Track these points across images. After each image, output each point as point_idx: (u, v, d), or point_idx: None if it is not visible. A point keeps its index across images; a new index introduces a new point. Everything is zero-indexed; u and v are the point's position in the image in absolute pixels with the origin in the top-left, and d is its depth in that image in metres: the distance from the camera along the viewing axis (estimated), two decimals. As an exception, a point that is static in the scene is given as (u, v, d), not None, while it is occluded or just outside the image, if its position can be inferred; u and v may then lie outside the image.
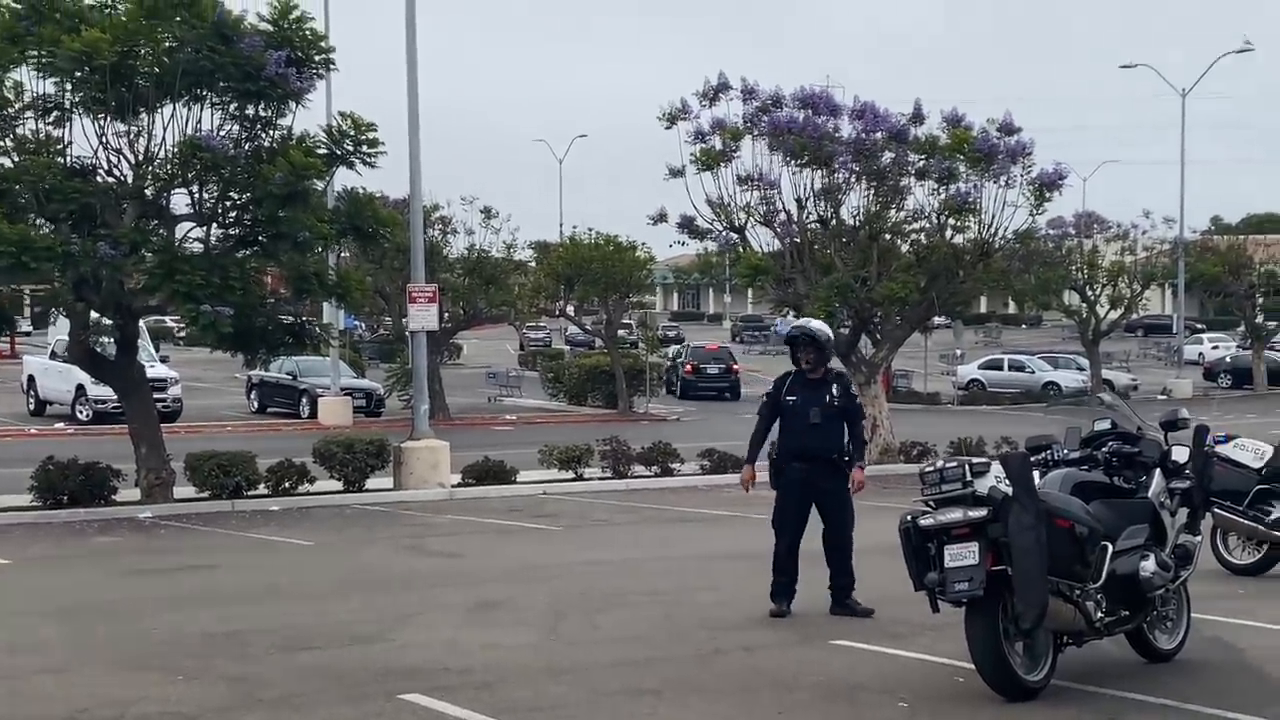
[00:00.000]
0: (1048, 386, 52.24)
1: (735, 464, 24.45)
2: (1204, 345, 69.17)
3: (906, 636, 10.17)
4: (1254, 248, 56.28)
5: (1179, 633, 9.58)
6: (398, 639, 10.45)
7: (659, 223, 27.63)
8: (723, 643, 10.21)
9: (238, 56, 18.13)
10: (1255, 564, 13.39)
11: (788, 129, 25.75)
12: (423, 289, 23.07)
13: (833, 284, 26.38)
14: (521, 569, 14.26)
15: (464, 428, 35.60)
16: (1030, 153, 25.65)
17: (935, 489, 8.47)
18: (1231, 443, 13.61)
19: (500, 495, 21.74)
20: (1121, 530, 8.90)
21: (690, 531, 18.21)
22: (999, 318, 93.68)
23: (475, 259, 41.56)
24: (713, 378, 51.26)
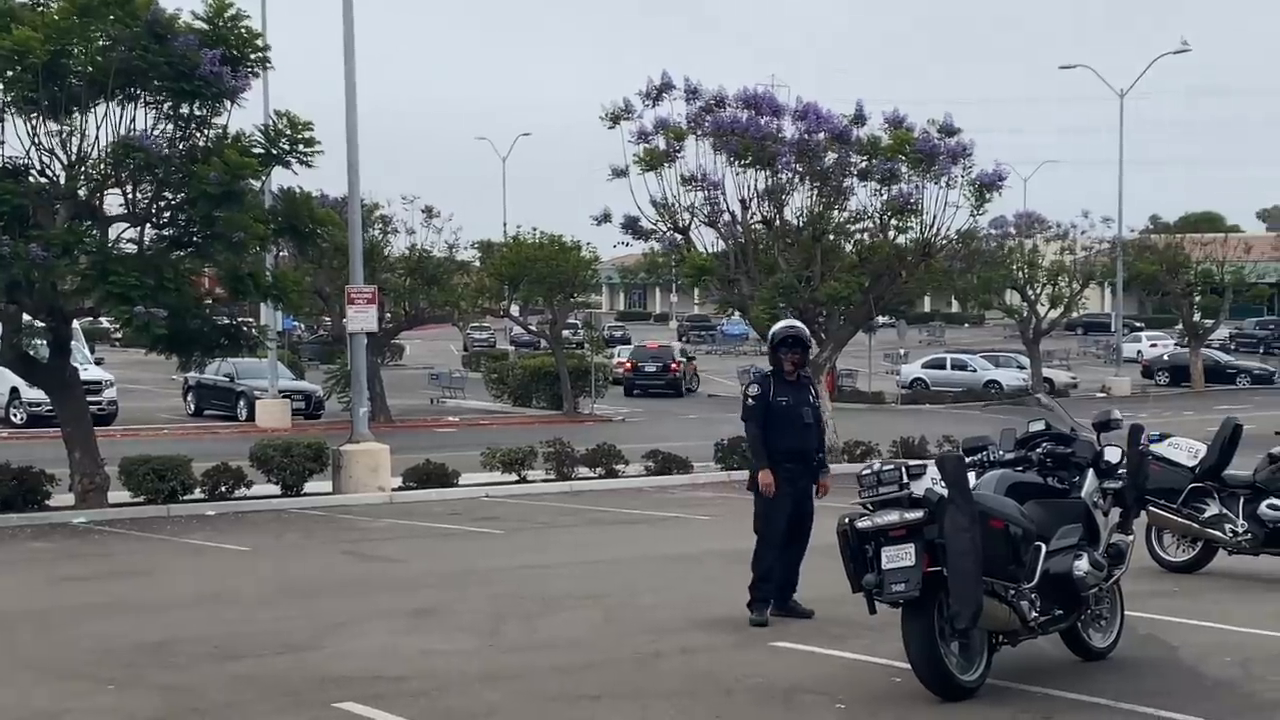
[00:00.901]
0: (989, 385, 52.67)
1: (680, 465, 24.56)
2: (1142, 343, 69.97)
3: (844, 637, 10.22)
4: (1191, 247, 56.94)
5: (1113, 631, 9.68)
6: (334, 646, 10.37)
7: (603, 223, 27.64)
8: (662, 646, 10.21)
9: (171, 55, 17.95)
10: (1189, 562, 13.55)
11: (731, 129, 25.85)
12: (362, 290, 22.92)
13: (777, 284, 26.49)
14: (461, 573, 14.19)
15: (405, 430, 35.42)
16: (971, 154, 25.89)
17: (872, 491, 8.53)
18: (1166, 441, 13.76)
19: (441, 498, 21.64)
20: (1055, 530, 8.99)
21: (634, 534, 18.20)
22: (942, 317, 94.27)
23: (417, 259, 41.34)
24: (650, 375, 53.12)
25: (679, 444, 26.18)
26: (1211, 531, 13.19)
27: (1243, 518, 13.05)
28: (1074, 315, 61.94)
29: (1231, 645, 10.00)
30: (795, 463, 11.16)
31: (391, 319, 41.71)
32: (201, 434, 34.52)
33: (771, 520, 11.18)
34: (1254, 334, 76.50)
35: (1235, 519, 13.08)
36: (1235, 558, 13.39)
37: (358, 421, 22.56)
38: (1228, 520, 13.11)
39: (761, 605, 11.05)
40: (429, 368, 56.91)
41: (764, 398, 11.19)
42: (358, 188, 23.04)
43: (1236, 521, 13.07)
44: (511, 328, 66.45)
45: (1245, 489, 13.21)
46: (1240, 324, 77.08)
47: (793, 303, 26.71)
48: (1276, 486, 13.01)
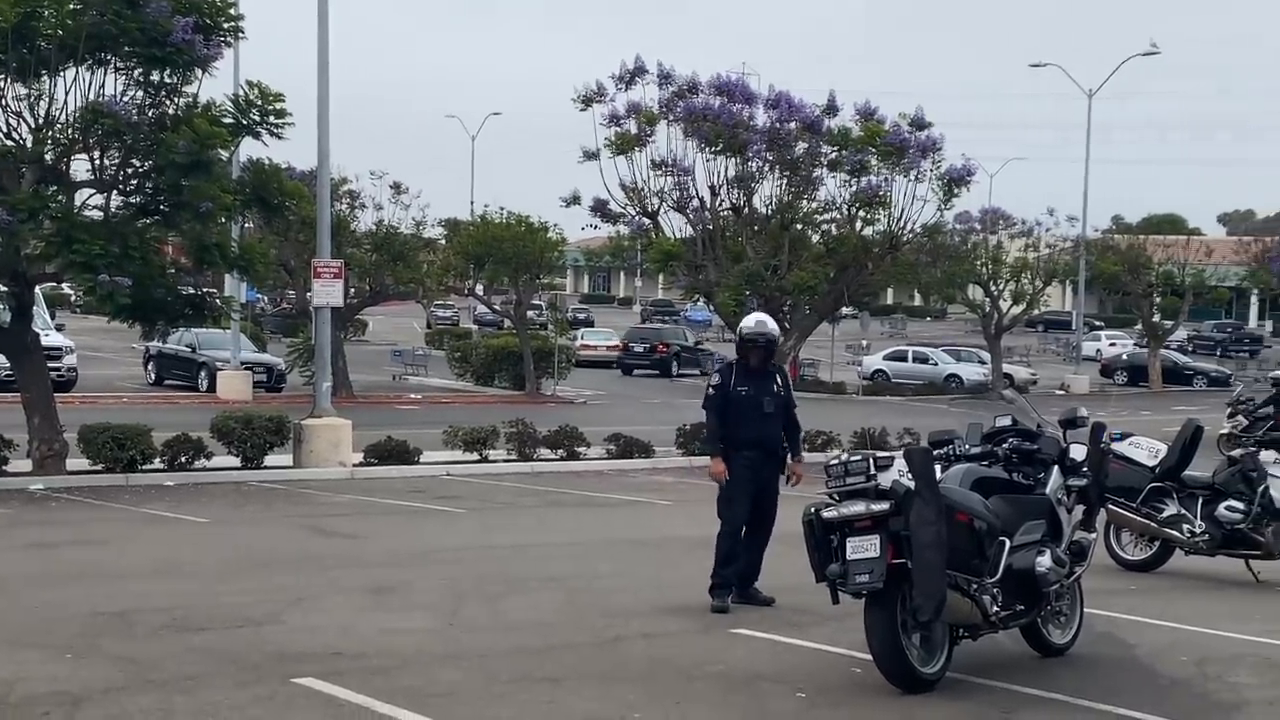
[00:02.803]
0: (950, 379, 52.92)
1: (642, 449, 24.53)
2: (1102, 342, 70.45)
3: (806, 627, 10.21)
4: (1153, 248, 57.35)
5: (1072, 628, 9.71)
6: (292, 621, 10.29)
7: (572, 205, 27.59)
8: (623, 630, 10.18)
9: (143, 21, 17.73)
10: (1148, 560, 13.64)
11: (703, 115, 25.84)
12: (328, 264, 22.78)
13: (743, 272, 26.52)
14: (422, 552, 14.13)
15: (367, 406, 35.25)
16: (940, 148, 25.99)
17: (839, 481, 8.50)
18: (1127, 440, 13.83)
19: (402, 476, 21.55)
20: (1019, 526, 9.01)
21: (595, 516, 18.17)
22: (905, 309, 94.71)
23: (383, 235, 41.12)
24: (639, 355, 56.69)
25: (641, 428, 26.17)
26: (1169, 531, 13.27)
27: (1201, 518, 13.13)
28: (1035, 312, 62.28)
29: (1187, 644, 10.06)
30: (755, 451, 11.14)
31: (356, 294, 41.46)
32: (161, 403, 34.25)
33: (730, 506, 11.16)
34: (1212, 337, 77.18)
35: (1193, 519, 13.16)
36: (1192, 558, 13.48)
37: (320, 396, 22.43)
38: (1186, 520, 13.19)
39: (722, 592, 11.03)
40: (392, 344, 56.72)
41: (724, 387, 11.16)
42: (327, 161, 22.87)
43: (1194, 522, 13.15)
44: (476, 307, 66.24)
45: (1204, 490, 13.30)
46: (1199, 326, 77.75)
47: (759, 291, 26.74)
48: (1235, 488, 13.10)
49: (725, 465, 11.08)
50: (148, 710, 7.76)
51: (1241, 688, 8.85)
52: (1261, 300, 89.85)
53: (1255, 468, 12.99)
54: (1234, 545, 13.12)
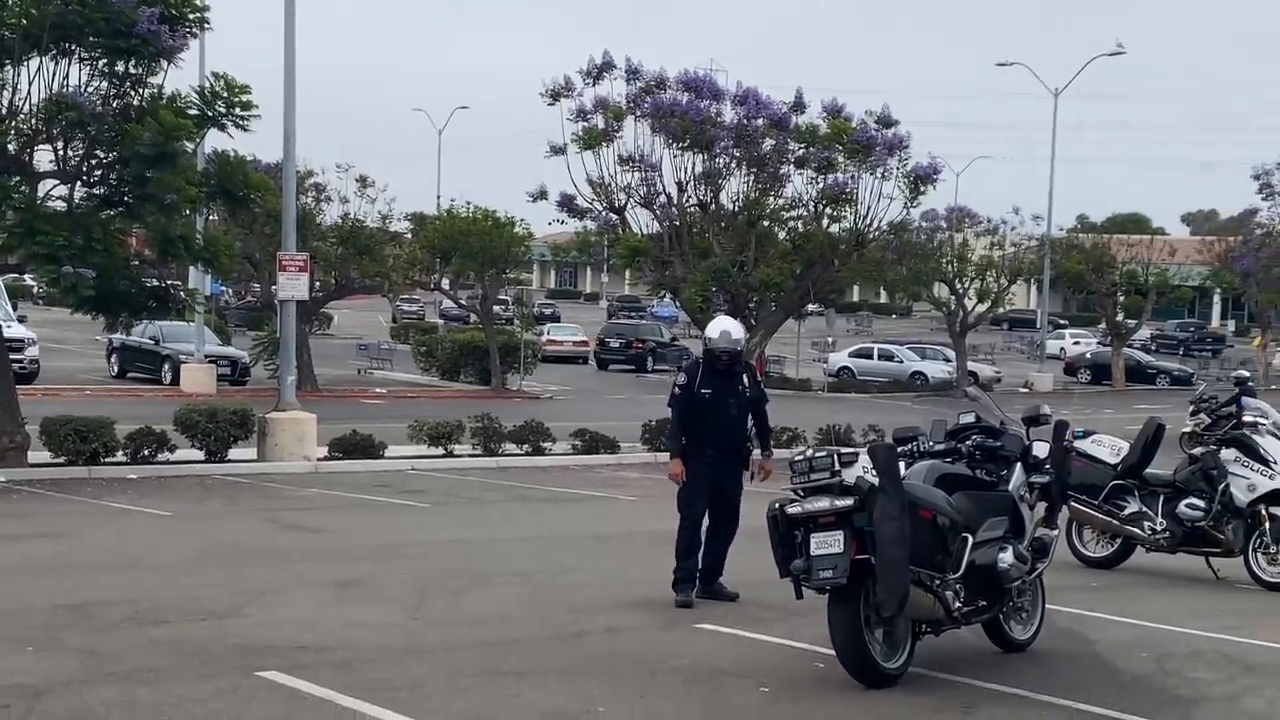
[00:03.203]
0: (915, 376, 53.12)
1: (607, 444, 24.56)
2: (1066, 341, 70.84)
3: (770, 622, 10.25)
4: (1117, 247, 57.63)
5: (1033, 624, 9.78)
6: (256, 614, 10.27)
7: (539, 200, 27.57)
8: (587, 625, 10.20)
9: (108, 11, 17.63)
10: (1109, 557, 13.74)
11: (670, 111, 25.84)
12: (294, 257, 22.70)
13: (710, 268, 26.53)
14: (386, 546, 14.11)
15: (332, 400, 35.15)
16: (907, 145, 26.08)
17: (804, 477, 8.53)
18: (1090, 438, 13.93)
19: (367, 470, 21.51)
20: (982, 522, 9.06)
21: (560, 511, 18.18)
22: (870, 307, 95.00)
23: (349, 228, 40.99)
24: (615, 350, 57.63)
25: (606, 423, 26.19)
26: (1131, 528, 13.37)
27: (1162, 516, 13.24)
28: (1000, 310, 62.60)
29: (1148, 641, 10.15)
30: (718, 450, 11.17)
31: (321, 288, 41.32)
32: (124, 396, 34.01)
33: (689, 501, 11.19)
34: (1175, 336, 77.72)
35: (1154, 517, 13.27)
36: (1153, 555, 13.59)
37: (285, 389, 22.35)
38: (1147, 518, 13.29)
39: (684, 586, 11.05)
40: (357, 338, 56.57)
41: (689, 388, 11.14)
42: (293, 154, 22.79)
43: (1155, 519, 13.25)
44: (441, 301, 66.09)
45: (1165, 488, 13.40)
46: (1162, 325, 78.32)
47: (725, 287, 26.79)
48: (1196, 486, 13.21)
49: (684, 466, 11.10)
50: (109, 703, 7.73)
51: (1200, 683, 8.95)
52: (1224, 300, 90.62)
53: (1216, 466, 13.10)
54: (1195, 543, 13.24)
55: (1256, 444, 13.02)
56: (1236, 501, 12.93)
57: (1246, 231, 56.81)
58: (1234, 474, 13.00)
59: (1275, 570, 12.75)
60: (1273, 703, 8.52)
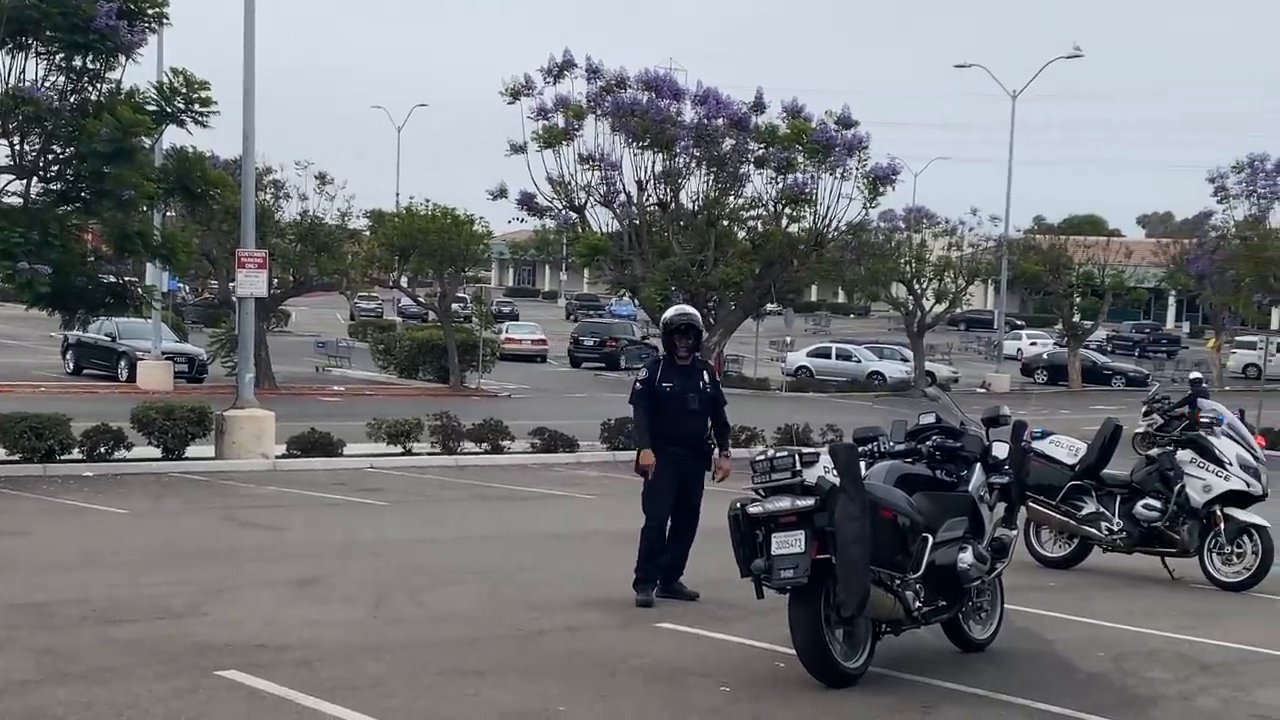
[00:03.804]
0: (873, 376, 53.34)
1: (566, 443, 24.54)
2: (1022, 341, 71.28)
3: (730, 621, 10.27)
4: (1074, 249, 58.07)
5: (992, 623, 9.84)
6: (214, 613, 10.20)
7: (498, 198, 27.53)
8: (547, 623, 10.19)
9: (66, 6, 17.47)
10: (1066, 557, 13.84)
11: (631, 110, 25.86)
12: (252, 254, 22.56)
13: (669, 267, 26.57)
14: (345, 544, 14.05)
15: (290, 397, 34.94)
16: (866, 146, 26.20)
17: (765, 477, 8.55)
18: (1048, 439, 14.02)
19: (326, 468, 21.42)
20: (942, 522, 9.11)
21: (519, 510, 18.16)
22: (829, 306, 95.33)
23: (308, 225, 40.80)
24: (589, 349, 58.33)
25: (565, 422, 26.17)
26: (1088, 529, 13.47)
27: (1119, 516, 13.34)
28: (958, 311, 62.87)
29: (1105, 640, 10.23)
30: (680, 447, 11.17)
31: (279, 285, 41.09)
32: (80, 393, 33.74)
33: (654, 501, 11.18)
34: (1131, 337, 78.30)
35: (1111, 517, 13.37)
36: (1110, 555, 13.70)
37: (243, 387, 22.23)
38: (1104, 518, 13.40)
39: (646, 586, 11.06)
40: (315, 335, 56.28)
41: (650, 382, 11.15)
42: (252, 151, 22.60)
43: (1112, 520, 13.35)
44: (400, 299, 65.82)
45: (1122, 489, 13.51)
46: (1118, 327, 78.92)
47: (685, 286, 26.82)
48: (1152, 487, 13.31)
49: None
50: (66, 703, 7.66)
51: (1156, 682, 9.02)
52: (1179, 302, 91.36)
53: (1172, 467, 13.21)
54: (1151, 543, 13.35)
55: (1211, 445, 13.13)
56: (1192, 502, 13.03)
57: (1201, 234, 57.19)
58: (1189, 475, 13.10)
59: (1230, 570, 12.86)
60: (1227, 702, 8.61)
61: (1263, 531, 12.79)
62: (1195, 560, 13.11)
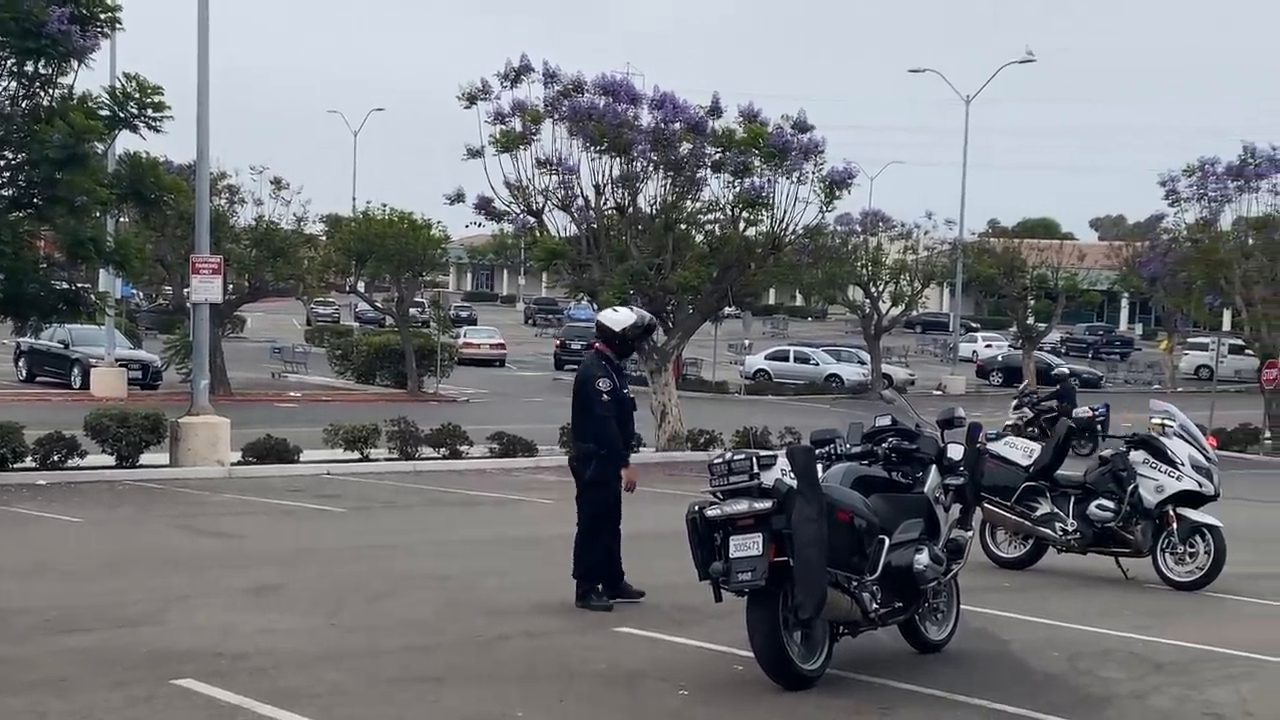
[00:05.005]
0: (831, 379, 53.53)
1: (524, 447, 24.52)
2: (978, 343, 71.61)
3: (689, 624, 10.29)
4: (1028, 252, 58.39)
5: (949, 624, 9.90)
6: (170, 622, 10.15)
7: (456, 202, 27.45)
8: (506, 629, 10.18)
9: (18, 10, 17.32)
10: (1021, 558, 13.93)
11: (588, 115, 25.84)
12: (207, 260, 22.43)
13: (627, 271, 26.57)
14: (302, 551, 14.00)
15: (245, 404, 34.75)
16: (822, 150, 26.27)
17: (723, 480, 8.57)
18: (1003, 440, 14.13)
19: (282, 475, 21.32)
20: (898, 524, 9.16)
21: (477, 515, 18.14)
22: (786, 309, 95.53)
23: (263, 230, 40.59)
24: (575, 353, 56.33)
25: (523, 426, 26.14)
26: (1043, 529, 13.57)
27: (1073, 517, 13.44)
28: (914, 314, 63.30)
29: (1060, 640, 10.31)
30: (628, 451, 11.26)
31: (234, 290, 40.88)
32: (33, 400, 33.44)
33: (613, 508, 11.16)
34: (1084, 339, 78.88)
35: (1066, 518, 13.47)
36: (1064, 555, 13.81)
37: (198, 393, 22.10)
38: (1058, 519, 13.50)
39: (598, 593, 11.04)
40: (271, 341, 55.97)
41: (617, 390, 11.09)
42: (207, 155, 22.49)
43: (1067, 521, 13.45)
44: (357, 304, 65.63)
45: (1076, 489, 13.61)
46: (1071, 329, 79.47)
47: (643, 290, 26.84)
48: (1105, 488, 13.41)
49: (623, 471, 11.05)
50: (20, 712, 7.60)
51: (1111, 682, 9.10)
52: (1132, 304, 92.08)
53: (1125, 467, 13.32)
54: (1105, 543, 13.45)
55: (1164, 446, 13.25)
56: (1145, 503, 13.14)
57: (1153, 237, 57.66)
58: (1142, 475, 13.21)
59: (1183, 570, 12.98)
60: (1180, 700, 8.69)
61: (1215, 531, 12.91)
62: (1149, 560, 13.22)
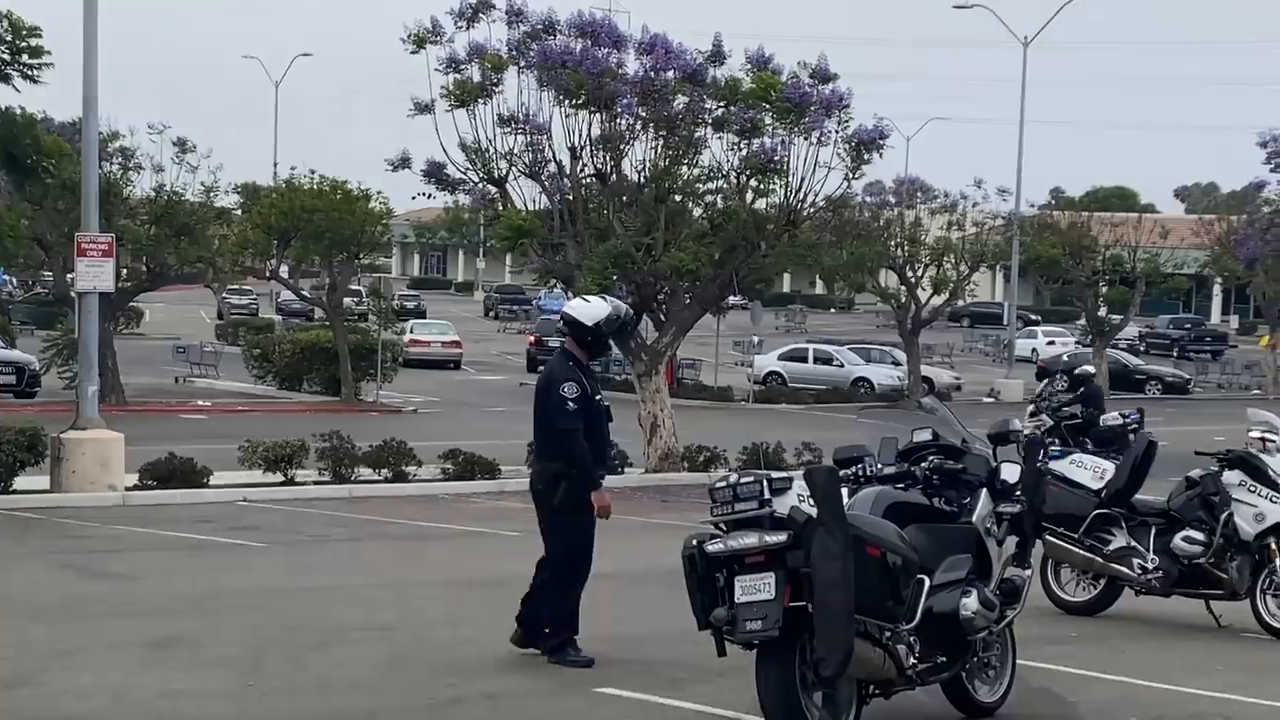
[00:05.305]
0: (858, 383, 53.60)
1: (485, 468, 24.53)
2: (1038, 340, 71.81)
3: (686, 684, 10.31)
4: (1099, 228, 58.43)
5: (1002, 682, 9.92)
6: (52, 683, 10.16)
7: (400, 168, 27.47)
8: (463, 690, 10.21)
9: None
10: (1091, 601, 13.96)
11: (561, 61, 25.84)
12: (95, 239, 22.41)
13: (610, 252, 26.57)
14: (213, 596, 14.01)
15: (143, 415, 34.75)
16: (848, 104, 26.28)
17: (727, 508, 8.58)
18: (1068, 459, 14.16)
19: (188, 502, 21.33)
20: (941, 561, 9.18)
21: (428, 551, 18.16)
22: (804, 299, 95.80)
23: (164, 203, 40.57)
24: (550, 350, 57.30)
25: (484, 442, 26.19)
26: (1117, 567, 13.59)
27: (1154, 552, 13.45)
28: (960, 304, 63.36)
29: (1138, 702, 10.36)
30: (604, 472, 11.29)
31: (130, 276, 40.85)
32: (-119, 412, 33.40)
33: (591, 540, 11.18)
34: (1167, 334, 79.12)
35: (1145, 553, 13.48)
36: (1143, 598, 13.83)
37: (85, 403, 22.08)
38: (1137, 554, 13.51)
39: (575, 645, 11.04)
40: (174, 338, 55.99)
41: (586, 397, 11.08)
42: (95, 108, 22.44)
43: (1146, 556, 13.47)
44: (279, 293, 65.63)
45: (1158, 518, 13.63)
46: (1152, 322, 79.70)
47: (628, 275, 26.87)
48: (1194, 516, 13.43)
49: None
50: None
51: (1199, 752, 9.14)
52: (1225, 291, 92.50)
53: (1217, 491, 13.35)
54: (1192, 583, 13.47)
55: (1265, 465, 13.28)
56: (1242, 534, 13.17)
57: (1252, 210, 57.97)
58: (1238, 501, 13.24)
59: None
60: (1285, 774, 8.73)
61: (1327, 568, 12.95)
62: (1246, 604, 13.25)
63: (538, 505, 11.29)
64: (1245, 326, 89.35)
